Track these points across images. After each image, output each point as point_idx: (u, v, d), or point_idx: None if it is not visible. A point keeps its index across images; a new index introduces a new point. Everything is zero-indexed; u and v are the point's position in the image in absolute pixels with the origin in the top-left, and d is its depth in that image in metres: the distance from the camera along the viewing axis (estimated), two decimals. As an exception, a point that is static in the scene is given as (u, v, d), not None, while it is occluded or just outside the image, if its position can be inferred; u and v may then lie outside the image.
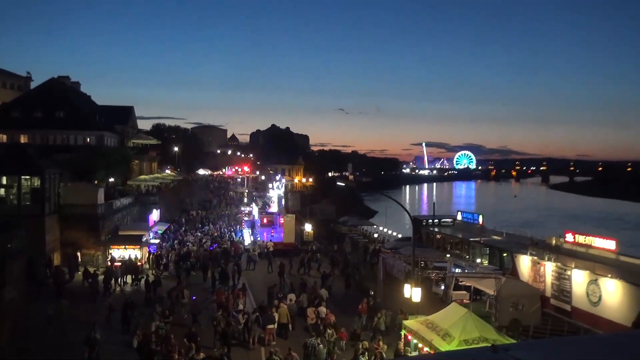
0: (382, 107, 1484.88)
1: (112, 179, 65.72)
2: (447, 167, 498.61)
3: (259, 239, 57.28)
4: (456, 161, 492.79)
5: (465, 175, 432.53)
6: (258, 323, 28.49)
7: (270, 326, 28.19)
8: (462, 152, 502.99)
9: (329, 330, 26.93)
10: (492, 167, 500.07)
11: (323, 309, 30.70)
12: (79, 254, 44.20)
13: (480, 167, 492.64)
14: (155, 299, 33.42)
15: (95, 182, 58.93)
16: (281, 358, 24.14)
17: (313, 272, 45.94)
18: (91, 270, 39.74)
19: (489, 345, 3.98)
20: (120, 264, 42.21)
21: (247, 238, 58.79)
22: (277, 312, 30.16)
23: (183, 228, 63.57)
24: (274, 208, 68.41)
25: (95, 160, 60.20)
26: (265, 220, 63.40)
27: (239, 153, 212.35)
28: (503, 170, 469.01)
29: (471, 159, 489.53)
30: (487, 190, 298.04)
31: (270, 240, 54.18)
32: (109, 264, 42.01)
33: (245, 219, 70.38)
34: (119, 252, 44.44)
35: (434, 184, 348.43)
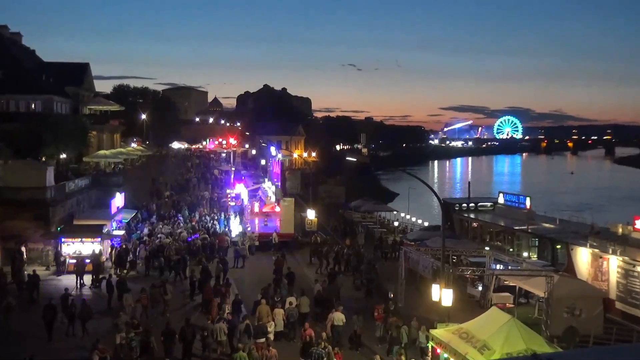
0: (403, 62, 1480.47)
1: (64, 155, 65.76)
2: (486, 137, 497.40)
3: (249, 229, 57.46)
4: (497, 129, 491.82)
5: (508, 147, 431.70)
6: (248, 334, 28.63)
7: (262, 340, 28.24)
8: (505, 117, 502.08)
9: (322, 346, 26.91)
10: (543, 137, 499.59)
11: (340, 315, 30.86)
12: (24, 249, 44.29)
13: (527, 137, 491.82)
14: (123, 304, 33.72)
15: (43, 159, 58.97)
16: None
17: (314, 270, 46.46)
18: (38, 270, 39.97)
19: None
20: (75, 260, 42.25)
21: (235, 228, 59.00)
22: (273, 319, 30.38)
23: (154, 216, 63.77)
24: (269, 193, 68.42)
25: (42, 131, 60.15)
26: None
27: (223, 121, 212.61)
28: (556, 141, 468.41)
29: (516, 126, 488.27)
30: (536, 165, 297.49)
31: (275, 231, 54.64)
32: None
33: (232, 204, 70.44)
34: (75, 247, 44.56)
35: (470, 158, 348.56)
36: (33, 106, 72.97)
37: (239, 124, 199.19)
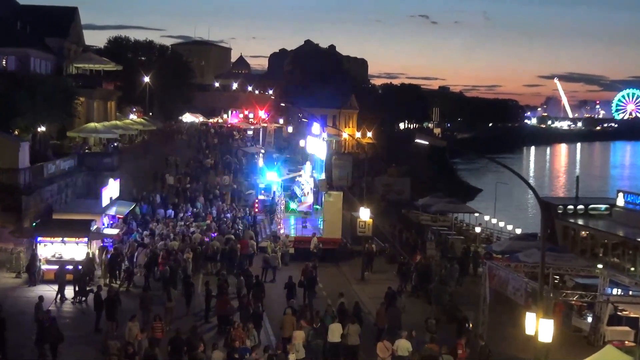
0: (492, 14, 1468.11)
1: (42, 128, 66.50)
2: (601, 116, 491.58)
3: (282, 231, 57.37)
4: (617, 106, 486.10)
5: (631, 130, 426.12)
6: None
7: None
8: (627, 91, 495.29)
9: None
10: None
11: (406, 344, 30.87)
12: (-11, 249, 44.94)
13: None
14: (114, 327, 33.99)
15: (16, 132, 59.67)
16: None
17: (370, 289, 46.23)
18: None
19: None
20: (58, 266, 42.46)
21: (264, 230, 59.14)
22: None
23: (163, 212, 63.80)
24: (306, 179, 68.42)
25: (15, 95, 60.84)
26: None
27: (250, 88, 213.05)
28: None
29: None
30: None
31: (315, 234, 54.63)
32: None
33: (261, 197, 70.55)
34: (54, 248, 44.91)
35: (578, 144, 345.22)
36: (4, 63, 73.85)
37: (271, 91, 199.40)
